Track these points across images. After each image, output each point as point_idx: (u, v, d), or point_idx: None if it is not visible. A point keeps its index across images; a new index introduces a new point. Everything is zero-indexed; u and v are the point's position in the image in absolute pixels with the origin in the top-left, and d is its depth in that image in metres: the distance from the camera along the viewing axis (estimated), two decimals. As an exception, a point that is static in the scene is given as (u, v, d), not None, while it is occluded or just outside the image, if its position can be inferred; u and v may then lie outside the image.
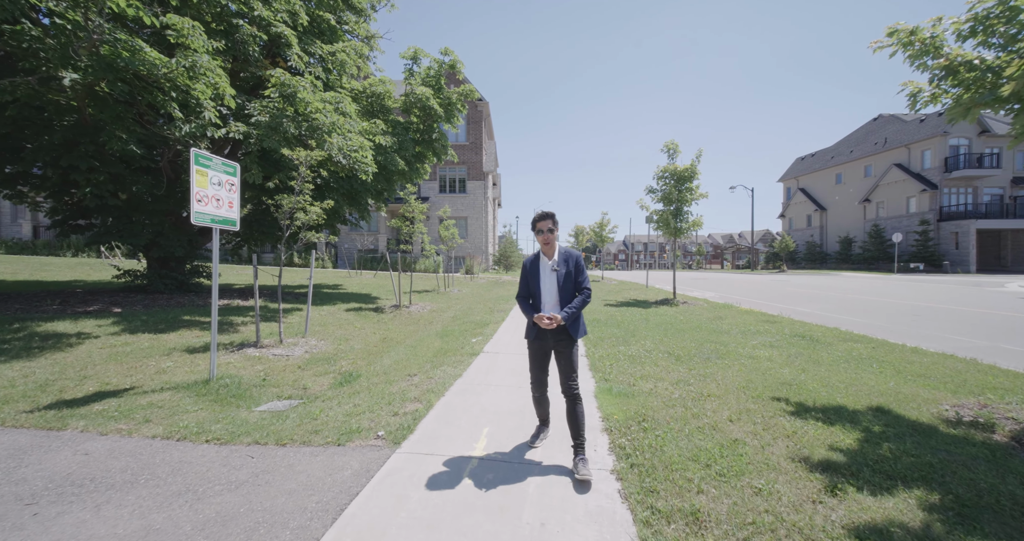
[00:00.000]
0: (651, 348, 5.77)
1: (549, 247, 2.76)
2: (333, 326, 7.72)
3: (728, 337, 6.38)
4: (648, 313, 9.24)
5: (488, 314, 9.50)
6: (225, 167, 4.38)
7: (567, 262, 2.74)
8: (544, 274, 2.74)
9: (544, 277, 2.73)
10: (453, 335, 7.16)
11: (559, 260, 2.73)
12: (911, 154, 33.05)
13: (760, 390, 3.89)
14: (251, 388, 4.28)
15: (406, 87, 12.25)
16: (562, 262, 2.73)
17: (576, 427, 2.64)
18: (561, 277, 2.71)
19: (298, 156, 6.12)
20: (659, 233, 12.39)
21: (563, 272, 2.71)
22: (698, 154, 10.85)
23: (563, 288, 2.70)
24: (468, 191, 26.86)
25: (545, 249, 2.77)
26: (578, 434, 2.64)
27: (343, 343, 6.45)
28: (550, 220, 2.74)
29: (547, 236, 2.72)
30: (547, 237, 2.72)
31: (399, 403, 3.84)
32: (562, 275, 2.71)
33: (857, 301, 11.64)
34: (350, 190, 11.51)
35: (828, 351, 5.35)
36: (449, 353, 5.81)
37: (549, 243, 2.75)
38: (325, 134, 7.43)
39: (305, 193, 6.28)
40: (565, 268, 2.73)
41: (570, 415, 2.66)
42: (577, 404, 2.65)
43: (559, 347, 2.70)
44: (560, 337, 2.68)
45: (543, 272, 2.74)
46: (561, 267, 2.72)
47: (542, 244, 2.77)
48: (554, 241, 2.77)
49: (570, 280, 2.72)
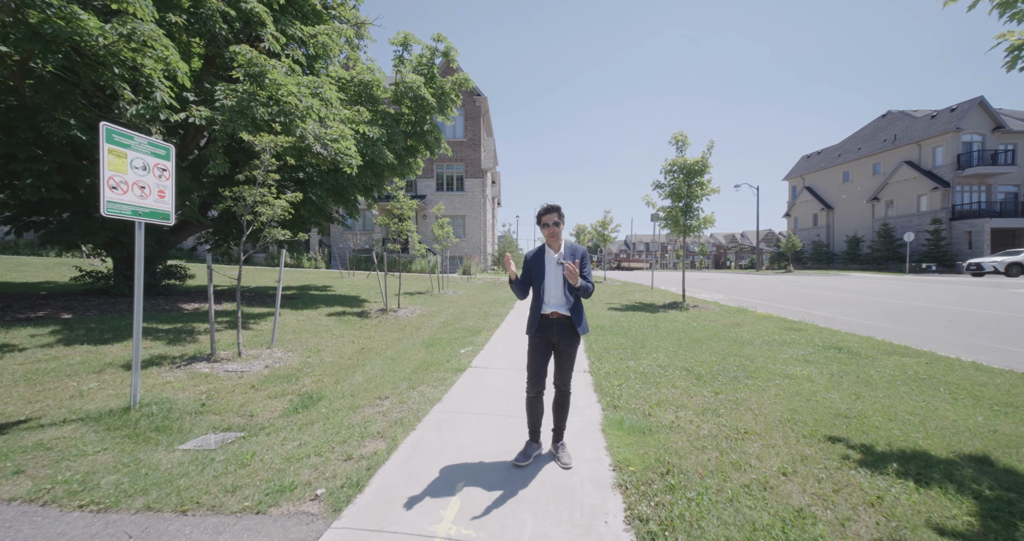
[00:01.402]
0: (665, 363, 4.98)
1: (555, 240, 2.71)
2: (308, 334, 6.95)
3: (752, 349, 5.59)
4: (657, 319, 8.45)
5: (482, 319, 8.72)
6: (153, 148, 3.60)
7: (573, 255, 2.69)
8: (550, 267, 2.69)
9: (550, 270, 2.68)
10: (440, 345, 6.39)
11: (565, 253, 2.68)
12: (922, 151, 32.16)
13: (810, 424, 3.10)
14: (183, 417, 3.51)
15: (396, 76, 11.48)
16: (569, 255, 2.68)
17: (560, 418, 2.76)
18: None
19: (260, 142, 5.36)
20: (662, 233, 11.60)
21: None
22: (709, 146, 10.05)
23: (567, 282, 2.62)
24: (466, 189, 26.08)
25: (551, 242, 2.73)
26: (561, 425, 2.77)
27: (313, 355, 5.68)
28: (556, 213, 2.67)
29: (553, 229, 2.66)
30: (553, 230, 2.67)
31: (357, 440, 3.06)
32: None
33: (878, 304, 10.83)
34: (335, 185, 10.75)
35: (876, 368, 4.56)
36: (432, 368, 5.03)
37: (555, 236, 2.69)
38: (297, 119, 6.65)
39: (269, 184, 5.52)
40: (572, 261, 2.64)
41: (557, 405, 2.75)
42: (567, 397, 2.73)
43: (563, 344, 2.66)
44: (565, 332, 2.65)
45: (548, 265, 2.69)
46: (568, 260, 2.64)
47: (548, 237, 2.71)
48: (560, 234, 2.71)
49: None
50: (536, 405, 2.75)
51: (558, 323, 2.64)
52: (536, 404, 2.75)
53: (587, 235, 25.32)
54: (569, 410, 2.79)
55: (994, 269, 21.09)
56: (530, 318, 2.72)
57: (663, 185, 10.66)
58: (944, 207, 30.06)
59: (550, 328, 2.64)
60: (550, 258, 2.71)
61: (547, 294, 2.66)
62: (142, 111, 5.34)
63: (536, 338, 2.69)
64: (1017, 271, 20.67)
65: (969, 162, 29.32)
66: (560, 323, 2.63)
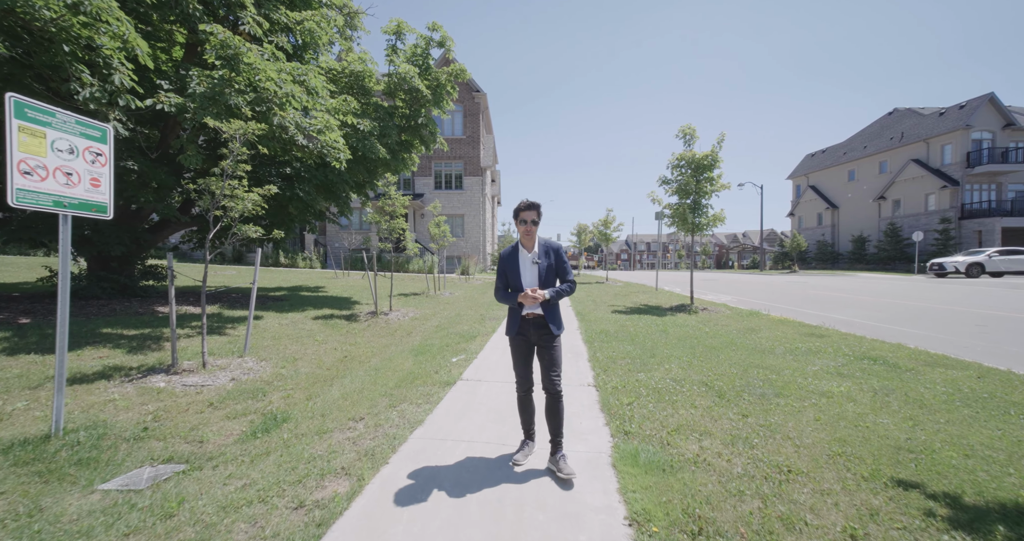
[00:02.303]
0: (680, 376, 4.43)
1: (530, 238, 2.64)
2: (288, 340, 6.41)
3: (776, 359, 5.03)
4: (665, 323, 7.89)
5: (478, 323, 8.18)
6: (84, 128, 3.06)
7: (548, 254, 2.65)
8: (524, 267, 2.64)
9: (524, 270, 2.64)
10: (430, 353, 5.85)
11: (539, 252, 2.64)
12: (930, 149, 31.55)
13: (868, 461, 2.55)
14: (117, 445, 2.97)
15: (390, 67, 10.93)
16: (543, 254, 2.64)
17: (556, 425, 2.65)
18: (543, 270, 2.62)
19: (228, 129, 4.81)
20: (663, 232, 11.05)
21: (544, 265, 2.62)
22: (719, 139, 9.49)
23: (545, 281, 2.62)
24: (465, 187, 25.54)
25: (525, 240, 2.66)
26: (557, 432, 2.65)
27: (289, 365, 5.14)
28: (535, 211, 2.59)
29: (530, 227, 2.59)
30: (530, 228, 2.59)
31: (316, 479, 2.52)
32: (544, 267, 2.62)
33: (896, 307, 10.27)
34: (325, 181, 10.20)
35: (922, 384, 4.00)
36: (418, 380, 4.49)
37: (531, 234, 2.62)
38: (275, 107, 6.11)
39: (239, 176, 4.98)
40: (547, 260, 2.63)
41: (550, 412, 2.65)
42: (558, 401, 2.64)
43: (541, 342, 2.63)
44: (542, 332, 2.62)
45: (523, 265, 2.65)
46: (542, 259, 2.62)
47: (523, 235, 2.64)
48: (535, 233, 2.64)
49: (552, 273, 2.64)
50: (527, 403, 2.75)
51: (534, 323, 2.61)
52: (527, 402, 2.75)
53: (588, 234, 24.76)
54: (563, 416, 2.70)
55: (955, 269, 20.97)
56: (508, 319, 2.71)
57: (670, 181, 10.10)
58: (953, 206, 29.46)
59: (527, 329, 2.63)
60: (524, 258, 2.65)
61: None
62: (96, 94, 4.80)
63: (516, 339, 2.68)
64: (977, 271, 20.55)
65: (979, 160, 28.72)
66: (536, 323, 2.61)
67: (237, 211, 4.88)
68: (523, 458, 2.67)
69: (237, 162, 4.91)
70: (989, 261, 20.44)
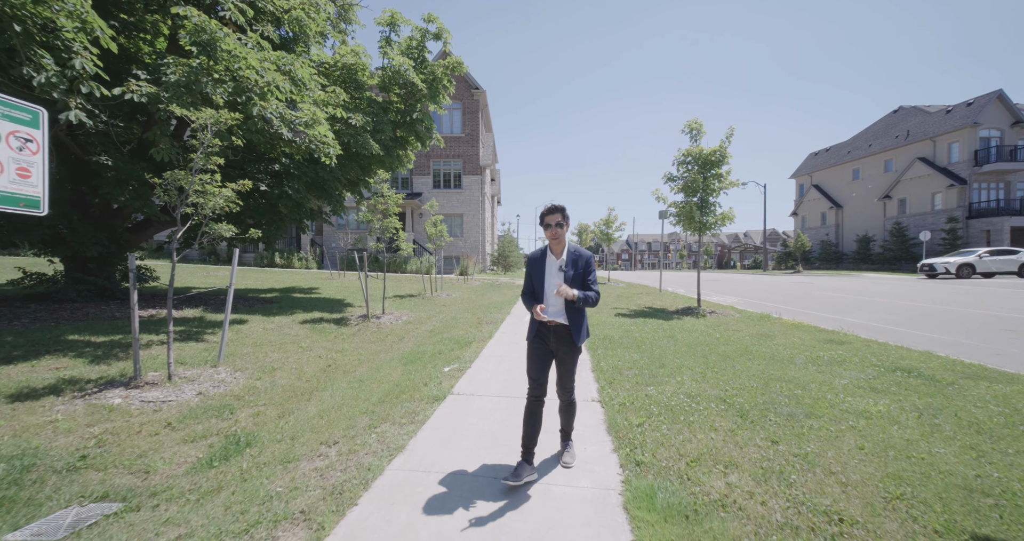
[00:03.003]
0: (694, 390, 3.99)
1: (558, 243, 2.55)
2: (270, 347, 5.99)
3: (797, 370, 4.59)
4: (672, 327, 7.45)
5: (474, 327, 7.75)
6: (7, 109, 2.63)
7: (576, 263, 2.53)
8: (550, 273, 2.55)
9: (550, 277, 2.55)
10: (421, 361, 5.42)
11: (567, 260, 2.52)
12: (936, 147, 31.06)
13: (935, 506, 2.11)
14: (45, 478, 2.55)
15: (384, 61, 10.51)
16: (571, 263, 2.52)
17: (567, 420, 2.69)
18: (569, 279, 2.49)
19: (198, 117, 4.39)
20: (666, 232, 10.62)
21: (571, 274, 2.50)
22: (728, 134, 9.05)
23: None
24: (464, 186, 25.10)
25: (553, 245, 2.57)
26: (568, 425, 2.71)
27: (266, 375, 4.71)
28: (560, 214, 2.49)
29: (556, 231, 2.49)
30: (556, 232, 2.50)
31: (267, 527, 2.09)
32: (570, 278, 2.49)
33: (913, 309, 9.82)
34: (316, 178, 9.78)
35: (970, 402, 3.56)
36: (404, 394, 4.06)
37: (558, 238, 2.52)
38: (256, 96, 5.68)
39: (210, 169, 4.55)
40: (574, 270, 2.51)
41: (563, 411, 2.67)
42: (572, 406, 2.66)
43: (560, 353, 2.55)
44: (562, 341, 2.52)
45: (549, 271, 2.56)
46: (569, 269, 2.50)
47: (550, 239, 2.56)
48: (563, 237, 2.54)
49: (578, 282, 2.52)
50: (535, 413, 2.55)
51: (555, 332, 2.53)
52: (535, 411, 2.55)
53: (589, 234, 24.33)
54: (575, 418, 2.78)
55: (946, 270, 20.71)
56: (530, 323, 2.62)
57: (675, 178, 9.66)
58: (960, 205, 28.97)
59: (547, 336, 2.54)
60: (551, 263, 2.56)
61: (546, 302, 2.53)
62: (54, 79, 4.37)
63: (535, 342, 2.58)
64: (968, 272, 20.27)
65: (987, 158, 28.22)
66: (557, 332, 2.52)
67: (208, 208, 4.46)
68: (516, 481, 2.35)
69: (208, 155, 4.48)
70: (980, 261, 20.17)
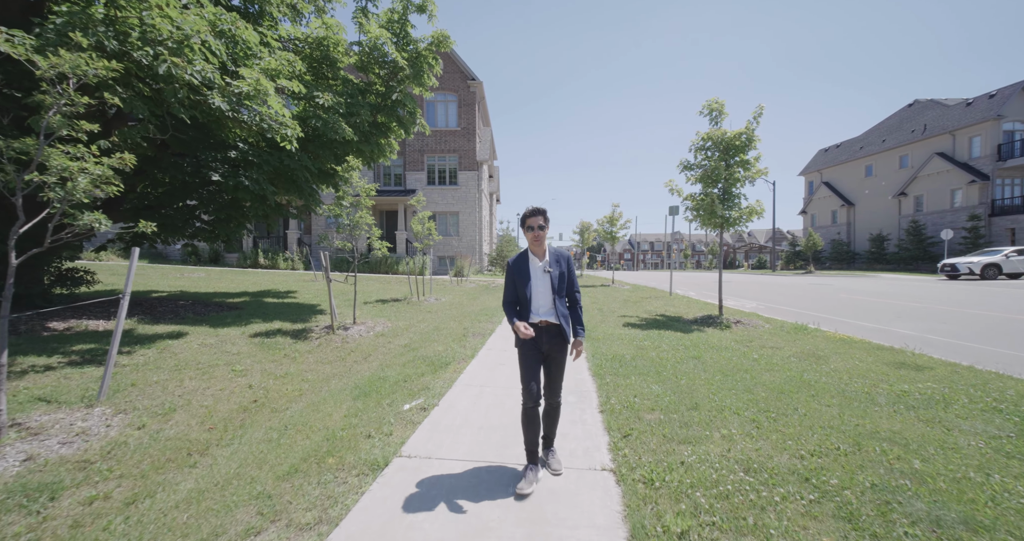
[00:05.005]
0: (752, 454, 2.73)
1: (539, 245, 2.59)
2: (192, 372, 4.74)
3: (889, 416, 3.31)
4: (695, 343, 6.18)
5: (457, 341, 6.50)
6: None
7: (559, 262, 2.59)
8: (536, 276, 2.56)
9: (536, 279, 2.56)
10: (378, 393, 4.18)
11: (551, 260, 2.58)
12: (956, 142, 29.62)
13: None
14: None
15: (360, 36, 9.26)
16: (554, 262, 2.58)
17: (550, 426, 2.66)
18: (555, 279, 2.54)
19: (44, 65, 3.14)
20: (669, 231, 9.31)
21: (556, 273, 2.56)
22: (756, 113, 7.75)
23: (558, 291, 2.56)
24: (460, 183, 23.84)
25: (534, 247, 2.60)
26: (550, 431, 2.67)
27: (155, 420, 3.47)
28: (541, 216, 2.55)
29: (538, 233, 2.54)
30: (538, 234, 2.55)
31: None
32: (556, 277, 2.55)
33: (966, 317, 8.51)
34: (280, 167, 8.51)
35: None
36: (332, 457, 2.82)
37: (539, 241, 2.57)
38: (166, 52, 4.43)
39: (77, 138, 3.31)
40: (558, 269, 2.57)
41: (547, 415, 2.63)
42: (557, 409, 2.63)
43: (553, 352, 2.55)
44: (554, 340, 2.54)
45: (534, 274, 2.57)
46: (554, 268, 2.56)
47: (531, 241, 2.58)
48: (545, 239, 2.59)
49: (564, 282, 2.58)
50: (533, 418, 2.51)
51: (547, 331, 2.53)
52: (533, 417, 2.51)
53: (592, 233, 23.04)
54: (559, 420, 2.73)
55: (969, 270, 19.29)
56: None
57: (693, 166, 8.38)
58: (983, 202, 27.54)
59: (539, 337, 2.51)
60: (535, 265, 2.58)
61: (534, 303, 2.54)
62: None
63: (527, 346, 2.52)
64: (994, 273, 18.86)
65: (1011, 153, 26.78)
66: (549, 331, 2.53)
67: (74, 191, 3.22)
68: (528, 486, 2.36)
69: (69, 117, 3.23)
70: (1007, 261, 18.77)
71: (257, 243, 22.50)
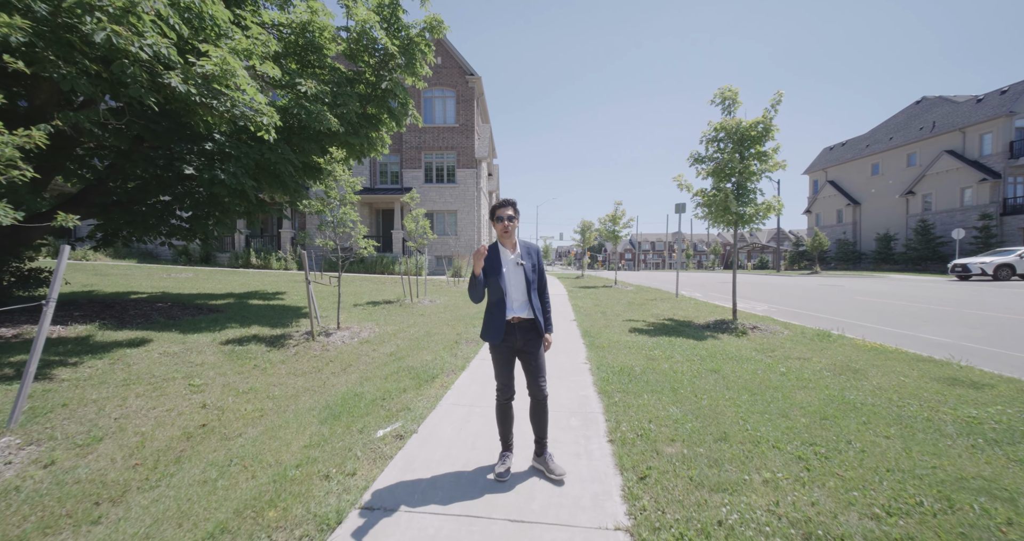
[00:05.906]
0: (811, 514, 2.13)
1: (509, 237, 2.54)
2: (140, 387, 4.15)
3: (968, 454, 2.72)
4: (711, 352, 5.58)
5: (447, 350, 5.90)
6: None
7: (530, 254, 2.59)
8: (508, 268, 2.51)
9: (509, 271, 2.51)
10: (350, 414, 3.59)
11: (522, 252, 2.56)
12: (966, 139, 28.96)
13: None
14: None
15: (348, 22, 8.68)
16: (526, 254, 2.56)
17: (541, 428, 2.58)
18: (528, 271, 2.52)
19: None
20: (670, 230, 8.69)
21: (528, 265, 2.54)
22: (774, 101, 7.13)
23: (531, 283, 2.53)
24: (458, 180, 23.24)
25: (504, 239, 2.54)
26: (543, 434, 2.59)
27: (73, 453, 2.87)
28: (511, 207, 2.51)
29: (507, 225, 2.49)
30: (507, 226, 2.49)
31: None
32: (528, 269, 2.53)
33: (996, 322, 7.91)
34: (260, 160, 7.92)
35: None
36: (273, 509, 2.22)
37: (509, 233, 2.52)
38: (106, 20, 3.83)
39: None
40: (530, 261, 2.56)
41: (535, 416, 2.57)
42: (544, 405, 2.56)
43: (528, 347, 2.52)
44: (528, 335, 2.52)
45: (506, 265, 2.52)
46: (526, 260, 2.54)
47: (501, 233, 2.53)
48: (514, 231, 2.55)
49: (535, 273, 2.56)
50: (507, 411, 2.59)
51: (520, 327, 2.51)
52: (507, 410, 2.59)
53: (594, 233, 22.43)
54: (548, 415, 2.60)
55: (981, 271, 18.63)
56: (489, 323, 2.51)
57: (704, 159, 7.78)
58: (994, 201, 26.88)
59: (513, 334, 2.50)
60: (506, 257, 2.54)
61: (509, 298, 2.49)
62: None
63: (500, 349, 2.52)
64: (1007, 273, 18.20)
65: (1023, 150, 26.11)
66: (522, 327, 2.51)
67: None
68: (503, 468, 2.50)
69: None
70: (1020, 262, 18.14)
71: (250, 242, 21.91)
